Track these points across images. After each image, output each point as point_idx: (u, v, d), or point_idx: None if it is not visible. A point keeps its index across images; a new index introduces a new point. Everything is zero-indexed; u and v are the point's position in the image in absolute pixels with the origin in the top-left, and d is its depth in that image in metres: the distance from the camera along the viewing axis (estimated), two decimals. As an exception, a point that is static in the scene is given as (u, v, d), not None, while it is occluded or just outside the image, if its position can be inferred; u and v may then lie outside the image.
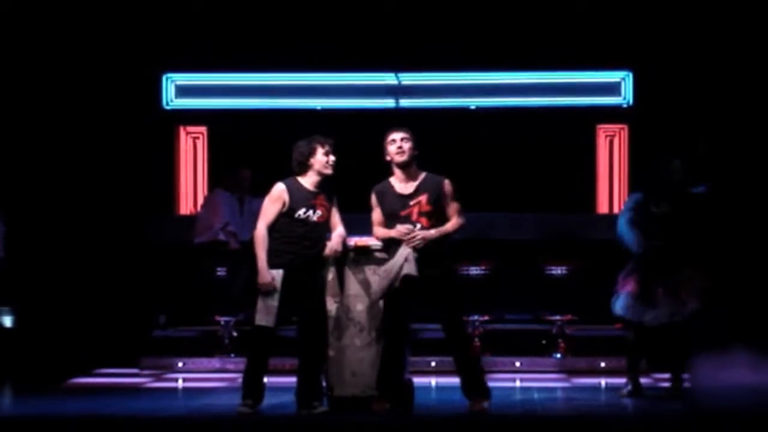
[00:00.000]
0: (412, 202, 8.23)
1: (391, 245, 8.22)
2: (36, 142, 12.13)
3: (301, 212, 8.16)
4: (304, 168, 8.24)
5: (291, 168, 8.28)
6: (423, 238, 8.12)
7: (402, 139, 8.28)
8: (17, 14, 12.08)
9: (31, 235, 11.75)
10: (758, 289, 11.29)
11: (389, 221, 8.25)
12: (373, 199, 8.38)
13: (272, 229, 8.19)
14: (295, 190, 8.20)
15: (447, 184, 8.30)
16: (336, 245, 8.21)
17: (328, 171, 8.24)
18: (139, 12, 12.42)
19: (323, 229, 8.24)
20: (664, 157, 9.25)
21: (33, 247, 10.57)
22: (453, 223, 8.26)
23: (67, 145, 12.28)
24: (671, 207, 9.06)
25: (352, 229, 8.40)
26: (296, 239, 8.15)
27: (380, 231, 8.32)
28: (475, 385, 8.19)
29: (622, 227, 9.17)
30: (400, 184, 8.31)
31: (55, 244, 11.70)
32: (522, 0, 12.52)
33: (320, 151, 8.22)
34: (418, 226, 8.17)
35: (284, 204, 8.16)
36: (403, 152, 8.26)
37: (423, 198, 8.22)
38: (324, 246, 8.21)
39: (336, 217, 8.32)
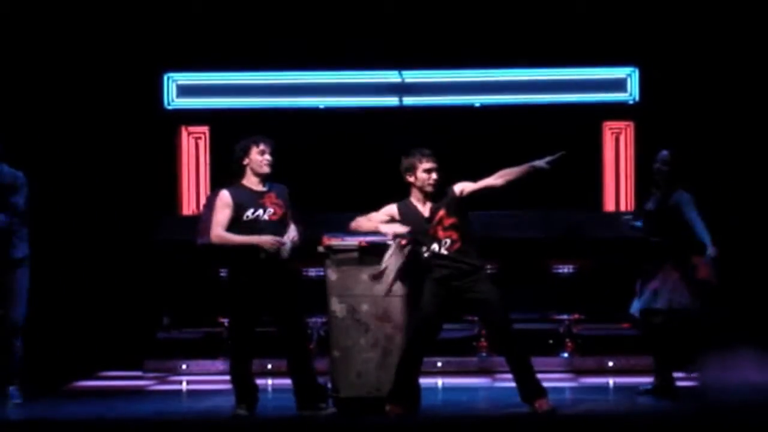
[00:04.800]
0: (434, 221, 8.14)
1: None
2: (36, 144, 12.05)
3: (249, 213, 8.08)
4: (242, 169, 8.15)
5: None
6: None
7: (437, 170, 8.20)
8: (17, 14, 12.02)
9: (33, 237, 11.68)
10: (762, 287, 11.26)
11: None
12: (394, 208, 8.28)
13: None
14: (238, 193, 8.12)
15: (455, 189, 8.20)
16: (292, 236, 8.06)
17: (265, 170, 8.11)
18: (139, 11, 12.35)
19: (279, 227, 8.09)
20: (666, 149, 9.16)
21: (35, 249, 10.45)
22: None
23: (68, 146, 12.21)
24: (658, 203, 8.96)
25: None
26: None
27: (364, 222, 8.25)
28: (528, 386, 8.10)
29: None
30: (422, 206, 8.23)
31: (57, 245, 11.61)
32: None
33: (254, 150, 8.11)
34: (447, 242, 8.10)
35: (231, 209, 8.08)
36: (435, 185, 8.20)
37: (442, 212, 8.15)
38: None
39: (289, 215, 8.19)
